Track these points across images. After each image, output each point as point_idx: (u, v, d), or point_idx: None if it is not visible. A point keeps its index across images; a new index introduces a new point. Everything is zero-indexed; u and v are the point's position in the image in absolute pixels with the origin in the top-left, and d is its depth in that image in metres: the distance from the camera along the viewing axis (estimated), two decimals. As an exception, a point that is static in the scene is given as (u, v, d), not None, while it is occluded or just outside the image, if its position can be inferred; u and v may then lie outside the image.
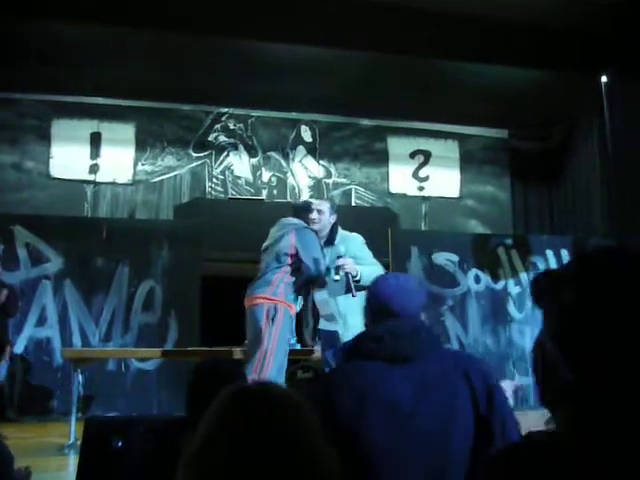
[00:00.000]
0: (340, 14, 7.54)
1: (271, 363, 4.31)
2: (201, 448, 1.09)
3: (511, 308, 8.50)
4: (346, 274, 4.08)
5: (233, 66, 8.46)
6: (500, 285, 8.60)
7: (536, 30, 7.88)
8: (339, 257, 4.18)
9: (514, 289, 8.58)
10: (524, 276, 8.61)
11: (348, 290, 4.05)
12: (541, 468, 0.83)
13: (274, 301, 4.40)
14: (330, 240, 4.51)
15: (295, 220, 4.59)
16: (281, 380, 4.32)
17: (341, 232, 4.54)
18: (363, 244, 4.45)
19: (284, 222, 4.63)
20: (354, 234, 4.55)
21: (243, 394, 1.14)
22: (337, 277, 4.15)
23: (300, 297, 4.98)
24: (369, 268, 4.13)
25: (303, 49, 8.10)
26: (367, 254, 4.41)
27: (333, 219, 4.57)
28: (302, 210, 4.66)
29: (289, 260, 4.44)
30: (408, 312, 1.95)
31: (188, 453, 1.10)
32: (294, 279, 4.44)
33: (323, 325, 4.50)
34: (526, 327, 8.44)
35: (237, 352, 5.31)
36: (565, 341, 0.88)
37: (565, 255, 8.75)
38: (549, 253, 8.73)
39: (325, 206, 4.62)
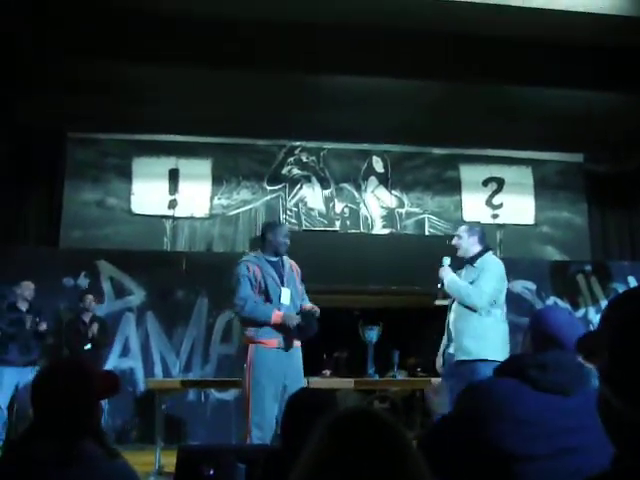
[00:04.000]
0: (409, 44, 7.60)
1: (250, 405, 4.30)
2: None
3: (593, 336, 8.28)
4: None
5: (304, 99, 8.61)
6: (580, 313, 8.39)
7: (610, 50, 7.74)
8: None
9: (595, 317, 8.35)
10: (605, 304, 8.38)
11: None
12: None
13: (246, 343, 4.48)
14: (470, 261, 4.62)
15: (243, 257, 4.69)
16: (262, 421, 4.25)
17: (486, 256, 4.65)
18: (492, 265, 4.62)
19: None
20: (493, 258, 4.73)
21: (345, 422, 1.14)
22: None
23: None
24: (462, 283, 4.50)
25: (372, 80, 8.18)
26: (485, 275, 4.54)
27: (474, 240, 4.63)
28: (266, 230, 4.76)
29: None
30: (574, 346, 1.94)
31: None
32: None
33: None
34: (609, 356, 8.19)
35: (316, 382, 5.34)
36: (618, 384, 0.93)
37: (649, 282, 8.48)
38: (631, 279, 8.48)
39: (461, 230, 4.77)
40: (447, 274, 4.59)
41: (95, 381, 1.72)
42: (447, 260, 4.69)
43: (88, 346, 7.08)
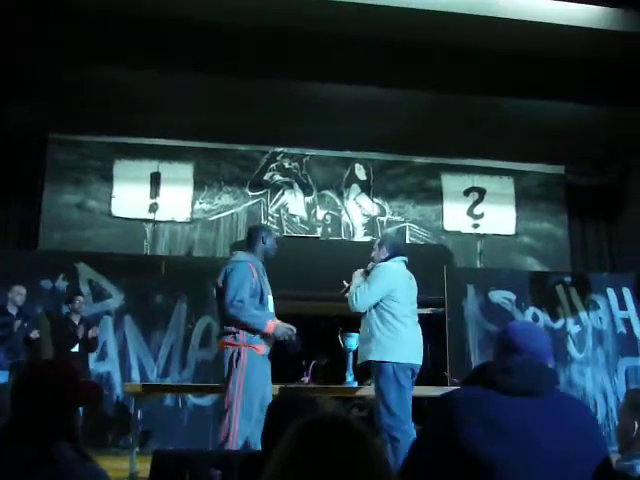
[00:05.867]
0: (394, 55, 7.64)
1: (238, 410, 4.15)
2: None
3: (571, 348, 8.31)
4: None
5: (287, 107, 8.62)
6: (559, 324, 8.43)
7: (591, 65, 7.83)
8: None
9: (574, 328, 8.39)
10: (584, 315, 8.42)
11: None
12: None
13: (236, 346, 4.29)
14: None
15: (239, 256, 4.49)
16: (247, 425, 4.09)
17: (384, 263, 4.66)
18: (378, 270, 4.63)
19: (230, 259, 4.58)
20: (387, 264, 4.68)
21: (311, 428, 1.14)
22: None
23: None
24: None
25: (356, 89, 8.20)
26: (370, 277, 4.61)
27: (383, 251, 4.74)
28: (261, 233, 4.61)
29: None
30: (532, 350, 2.00)
31: None
32: None
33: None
34: (586, 367, 8.23)
35: (294, 389, 5.32)
36: None
37: (627, 294, 8.53)
38: (610, 291, 8.54)
39: (375, 243, 4.88)
40: (354, 279, 4.67)
41: (79, 387, 1.70)
42: (370, 267, 4.76)
43: (76, 348, 7.04)
